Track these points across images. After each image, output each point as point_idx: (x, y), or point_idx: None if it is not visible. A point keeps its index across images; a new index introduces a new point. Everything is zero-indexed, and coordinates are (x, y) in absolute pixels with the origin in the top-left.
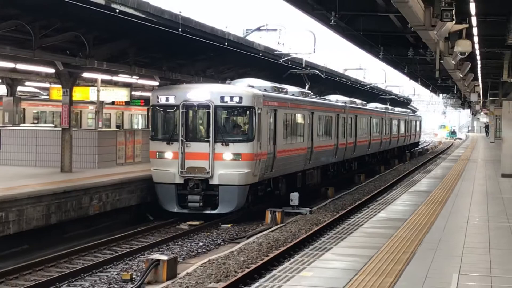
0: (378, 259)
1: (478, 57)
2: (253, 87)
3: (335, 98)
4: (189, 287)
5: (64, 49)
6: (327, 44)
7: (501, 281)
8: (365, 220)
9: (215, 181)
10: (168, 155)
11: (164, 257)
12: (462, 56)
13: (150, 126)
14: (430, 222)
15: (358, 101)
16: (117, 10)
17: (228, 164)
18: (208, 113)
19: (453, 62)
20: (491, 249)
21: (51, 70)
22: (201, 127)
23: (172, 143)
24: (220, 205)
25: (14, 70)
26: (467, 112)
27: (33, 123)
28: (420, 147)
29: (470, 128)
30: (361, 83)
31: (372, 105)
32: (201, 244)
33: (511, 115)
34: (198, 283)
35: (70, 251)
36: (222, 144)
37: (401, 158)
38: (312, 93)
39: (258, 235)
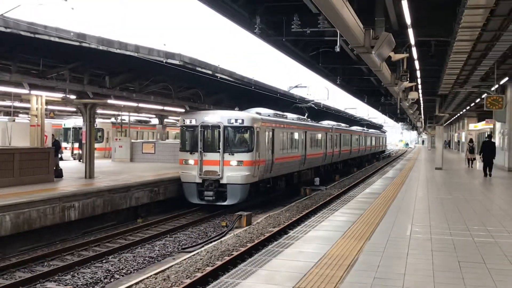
0: (365, 215)
1: (422, 101)
2: (259, 113)
3: (326, 123)
4: (258, 229)
5: (189, 98)
6: (336, 94)
7: (435, 228)
8: (358, 194)
9: (224, 181)
10: (191, 162)
11: (245, 213)
12: (412, 101)
13: (180, 142)
14: (394, 195)
15: (343, 124)
16: (218, 77)
17: (234, 169)
18: (219, 131)
19: (407, 104)
20: (430, 210)
21: (182, 110)
22: (214, 142)
23: (193, 153)
24: (228, 199)
25: (162, 110)
26: (415, 132)
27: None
28: (386, 153)
29: (416, 142)
30: (354, 116)
31: (354, 127)
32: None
33: (440, 134)
34: (263, 228)
35: (192, 210)
36: (229, 154)
37: (378, 158)
38: (309, 119)
39: (296, 202)
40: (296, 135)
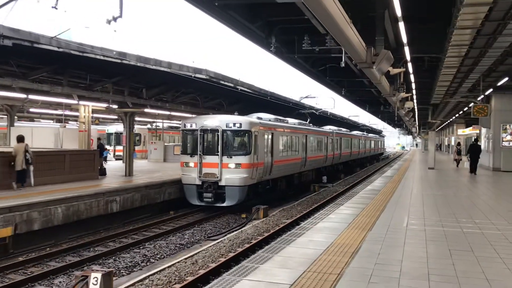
0: (367, 209)
1: (416, 110)
2: (261, 118)
3: (328, 127)
4: (273, 221)
5: (214, 107)
6: (341, 103)
7: (429, 220)
8: (360, 190)
9: (223, 183)
10: (191, 164)
11: (262, 206)
12: (408, 109)
13: (181, 145)
14: (392, 191)
15: (344, 129)
16: (239, 89)
17: (232, 171)
18: (218, 135)
19: (404, 112)
20: (424, 205)
21: None
22: (213, 145)
23: (194, 156)
24: (227, 200)
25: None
26: (410, 136)
27: None
28: (385, 155)
29: (412, 145)
30: (356, 122)
31: (354, 132)
32: (279, 201)
33: (433, 138)
34: (278, 219)
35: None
36: (227, 157)
37: (377, 159)
38: (311, 124)
39: (306, 197)
40: (296, 139)
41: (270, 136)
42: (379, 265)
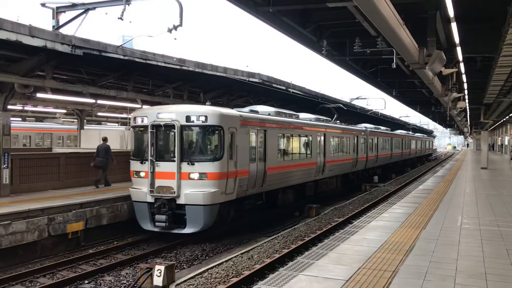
0: (420, 208)
1: (468, 110)
2: (257, 111)
3: (363, 125)
4: (326, 219)
5: None
6: (392, 104)
7: (483, 220)
8: (412, 189)
9: (182, 200)
10: (142, 174)
11: (314, 205)
12: (460, 109)
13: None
14: (444, 191)
15: (382, 127)
16: (291, 91)
17: (195, 184)
18: (174, 133)
19: (456, 112)
20: (478, 204)
21: None
22: (168, 147)
23: (144, 163)
24: (188, 225)
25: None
26: (461, 136)
27: None
28: (433, 156)
29: (463, 145)
30: (404, 122)
31: (397, 131)
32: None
33: (485, 138)
34: (330, 218)
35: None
36: (189, 163)
37: (428, 159)
38: (338, 121)
39: (358, 196)
40: (307, 138)
41: (261, 135)
42: (434, 263)
